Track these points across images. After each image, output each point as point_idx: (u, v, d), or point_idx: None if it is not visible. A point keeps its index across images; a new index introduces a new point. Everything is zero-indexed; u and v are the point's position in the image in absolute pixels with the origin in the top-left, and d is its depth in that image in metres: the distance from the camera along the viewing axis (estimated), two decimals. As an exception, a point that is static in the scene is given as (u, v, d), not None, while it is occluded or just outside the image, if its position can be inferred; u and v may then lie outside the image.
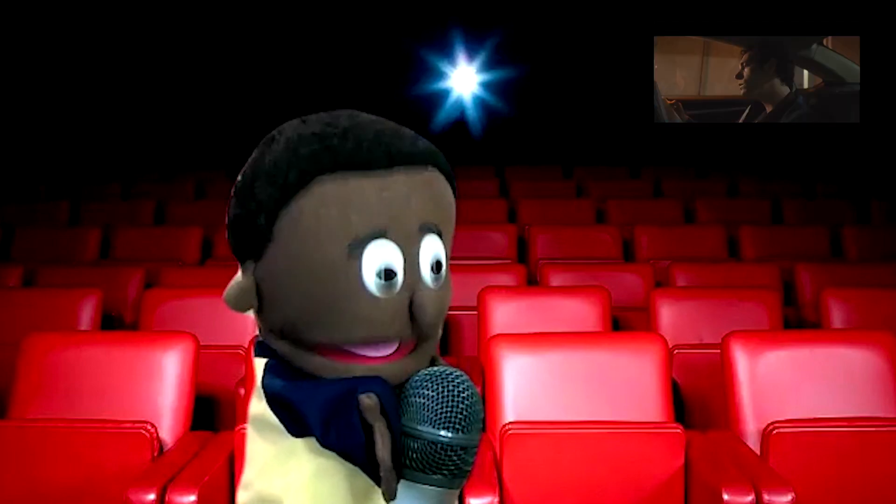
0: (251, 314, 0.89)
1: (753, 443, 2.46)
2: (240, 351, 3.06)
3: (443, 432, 0.81)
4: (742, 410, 2.55)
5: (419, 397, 0.83)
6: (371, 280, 0.81)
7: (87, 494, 2.34)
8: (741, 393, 2.57)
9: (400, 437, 0.82)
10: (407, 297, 0.83)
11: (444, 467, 0.82)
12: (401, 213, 0.82)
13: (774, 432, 2.36)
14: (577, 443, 2.34)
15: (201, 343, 2.71)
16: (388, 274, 0.81)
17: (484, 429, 0.86)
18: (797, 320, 3.97)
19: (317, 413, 0.83)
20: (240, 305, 0.87)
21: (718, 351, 2.67)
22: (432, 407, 0.82)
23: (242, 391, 2.76)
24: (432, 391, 0.83)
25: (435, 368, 0.85)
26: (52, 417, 2.48)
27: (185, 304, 3.44)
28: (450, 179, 0.90)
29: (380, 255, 0.81)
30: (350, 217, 0.80)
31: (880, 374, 2.58)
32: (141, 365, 2.61)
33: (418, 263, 0.83)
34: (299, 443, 0.85)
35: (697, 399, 3.07)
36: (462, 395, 0.83)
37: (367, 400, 0.80)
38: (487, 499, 2.11)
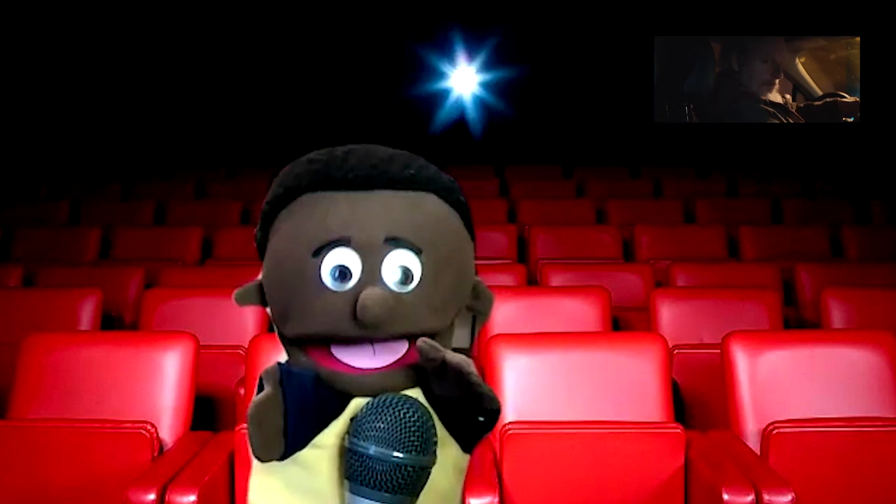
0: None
1: (753, 443, 2.46)
2: (240, 351, 3.05)
3: (395, 453, 0.87)
4: (742, 410, 2.54)
5: (374, 420, 0.88)
6: (327, 277, 0.91)
7: (87, 494, 2.34)
8: (741, 393, 2.56)
9: (359, 456, 0.88)
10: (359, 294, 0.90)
11: (395, 486, 0.87)
12: (366, 225, 0.91)
13: (774, 432, 2.35)
14: (577, 443, 2.34)
15: (201, 343, 2.70)
16: (342, 272, 0.90)
17: (433, 452, 0.90)
18: (797, 320, 3.97)
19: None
20: (241, 299, 0.99)
21: (718, 351, 2.66)
22: (386, 429, 0.88)
23: (242, 391, 2.76)
24: (388, 416, 0.88)
25: (387, 395, 0.91)
26: (52, 417, 2.48)
27: (185, 304, 3.44)
28: (457, 207, 0.98)
29: (338, 258, 0.91)
30: (319, 225, 0.92)
31: (880, 374, 2.58)
32: (141, 365, 2.61)
33: (380, 271, 0.91)
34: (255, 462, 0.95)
35: (697, 399, 3.07)
36: (412, 418, 0.89)
37: (269, 367, 0.94)
38: (487, 499, 2.11)
